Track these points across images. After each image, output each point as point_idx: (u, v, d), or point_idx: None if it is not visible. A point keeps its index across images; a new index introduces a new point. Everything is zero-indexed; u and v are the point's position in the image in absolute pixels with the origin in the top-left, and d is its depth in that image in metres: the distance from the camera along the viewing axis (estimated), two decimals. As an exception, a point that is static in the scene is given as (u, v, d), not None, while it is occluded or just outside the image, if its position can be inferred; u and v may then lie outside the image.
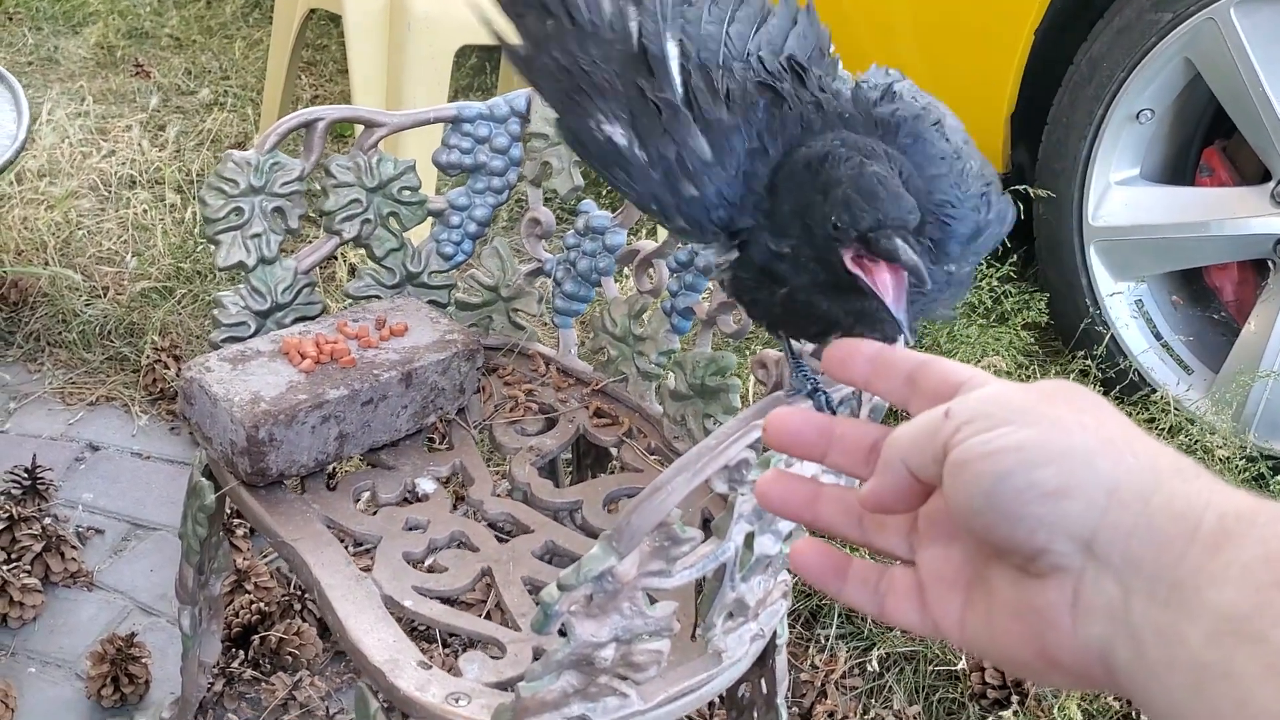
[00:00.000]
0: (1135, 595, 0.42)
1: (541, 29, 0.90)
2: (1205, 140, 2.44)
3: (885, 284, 0.78)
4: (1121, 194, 2.36)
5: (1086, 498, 0.43)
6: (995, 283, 2.41)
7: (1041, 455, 0.43)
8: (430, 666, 1.04)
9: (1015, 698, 1.64)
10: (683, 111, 0.88)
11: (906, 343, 0.81)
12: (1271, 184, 2.20)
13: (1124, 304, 2.39)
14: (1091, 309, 2.38)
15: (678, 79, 0.89)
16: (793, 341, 0.99)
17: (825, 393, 0.97)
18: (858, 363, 0.53)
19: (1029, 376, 2.35)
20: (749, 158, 0.88)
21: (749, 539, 0.98)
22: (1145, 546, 0.42)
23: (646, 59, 0.89)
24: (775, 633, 1.16)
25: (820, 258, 0.82)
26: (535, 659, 1.01)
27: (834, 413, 0.97)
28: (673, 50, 0.90)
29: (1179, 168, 2.44)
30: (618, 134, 0.88)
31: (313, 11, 2.86)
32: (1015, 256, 2.45)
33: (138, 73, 3.59)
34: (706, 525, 1.17)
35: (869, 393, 0.53)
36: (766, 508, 0.54)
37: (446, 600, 1.14)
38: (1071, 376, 2.27)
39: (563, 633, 0.92)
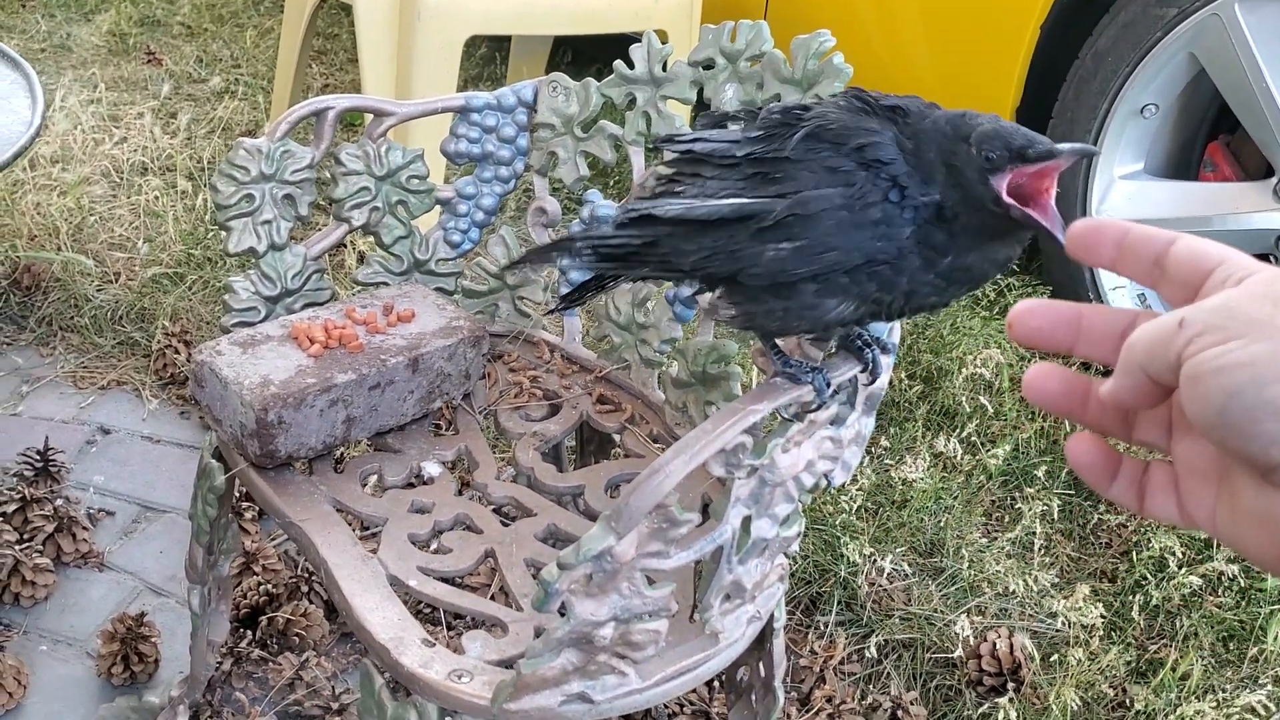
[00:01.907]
0: None
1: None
2: (1209, 135, 2.45)
3: (1035, 212, 0.85)
4: (1125, 188, 2.38)
5: None
6: (998, 276, 2.43)
7: (1272, 372, 0.42)
8: (434, 644, 1.06)
9: (1011, 684, 1.66)
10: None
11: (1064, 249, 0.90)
12: (1274, 179, 2.21)
13: (1127, 298, 2.40)
14: (1095, 302, 2.39)
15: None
16: (778, 341, 1.02)
17: (824, 375, 0.99)
18: (1105, 246, 0.52)
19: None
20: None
21: (746, 522, 1.00)
22: None
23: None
24: (773, 616, 1.18)
25: (968, 198, 0.88)
26: (537, 638, 1.03)
27: (830, 386, 1.00)
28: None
29: (1183, 163, 2.45)
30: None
31: (323, 0, 2.88)
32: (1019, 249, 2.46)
33: (149, 60, 3.62)
34: (707, 510, 1.19)
35: (1116, 273, 0.52)
36: (1038, 403, 0.54)
37: (450, 581, 1.16)
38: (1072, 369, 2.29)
39: (563, 612, 0.94)
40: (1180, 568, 1.86)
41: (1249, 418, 0.42)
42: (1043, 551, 1.93)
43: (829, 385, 0.99)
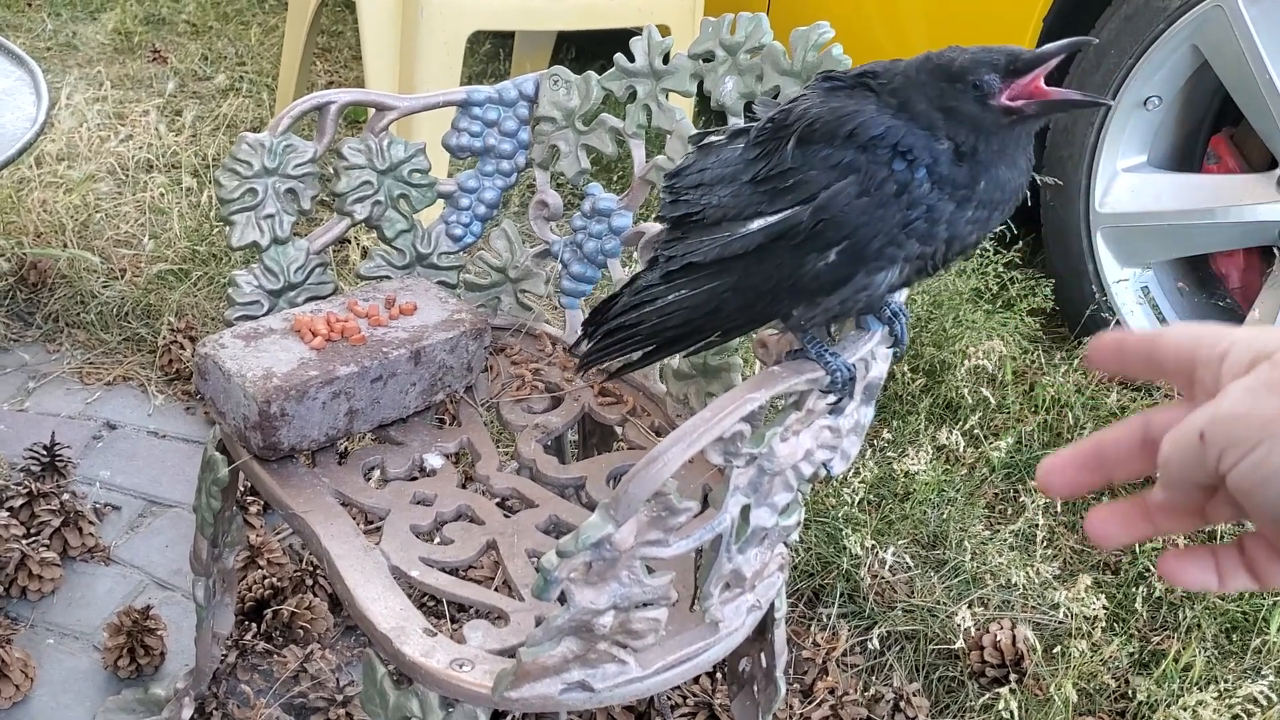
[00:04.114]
0: None
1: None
2: (1213, 128, 2.45)
3: (1045, 97, 0.87)
4: (1128, 181, 2.38)
5: None
6: (1001, 268, 2.43)
7: None
8: (435, 634, 1.06)
9: (1013, 676, 1.66)
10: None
11: (1108, 109, 0.91)
12: (1278, 171, 2.21)
13: (1130, 290, 2.40)
14: (1097, 295, 2.39)
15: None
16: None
17: (843, 362, 0.99)
18: (1107, 354, 0.56)
19: (1034, 363, 2.36)
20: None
21: (745, 511, 1.00)
22: None
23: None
24: (773, 605, 1.18)
25: (978, 129, 0.89)
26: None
27: (852, 378, 1.00)
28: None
29: (1186, 155, 2.45)
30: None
31: (327, -3, 2.88)
32: (1022, 243, 2.47)
33: (155, 58, 3.63)
34: (707, 500, 1.19)
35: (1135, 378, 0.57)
36: (1106, 544, 0.56)
37: (452, 571, 1.17)
38: (1077, 363, 2.29)
39: (563, 600, 0.94)
40: (1183, 559, 1.86)
41: None
42: (1045, 543, 1.93)
43: (849, 372, 0.99)
